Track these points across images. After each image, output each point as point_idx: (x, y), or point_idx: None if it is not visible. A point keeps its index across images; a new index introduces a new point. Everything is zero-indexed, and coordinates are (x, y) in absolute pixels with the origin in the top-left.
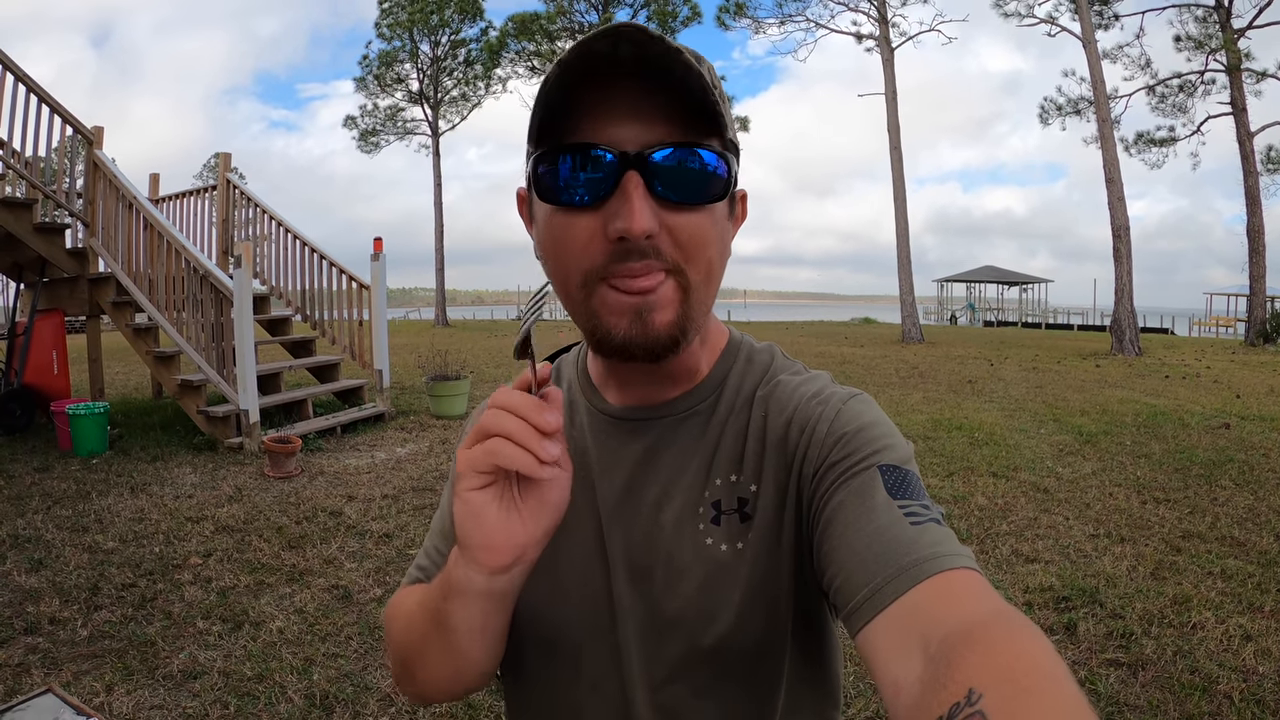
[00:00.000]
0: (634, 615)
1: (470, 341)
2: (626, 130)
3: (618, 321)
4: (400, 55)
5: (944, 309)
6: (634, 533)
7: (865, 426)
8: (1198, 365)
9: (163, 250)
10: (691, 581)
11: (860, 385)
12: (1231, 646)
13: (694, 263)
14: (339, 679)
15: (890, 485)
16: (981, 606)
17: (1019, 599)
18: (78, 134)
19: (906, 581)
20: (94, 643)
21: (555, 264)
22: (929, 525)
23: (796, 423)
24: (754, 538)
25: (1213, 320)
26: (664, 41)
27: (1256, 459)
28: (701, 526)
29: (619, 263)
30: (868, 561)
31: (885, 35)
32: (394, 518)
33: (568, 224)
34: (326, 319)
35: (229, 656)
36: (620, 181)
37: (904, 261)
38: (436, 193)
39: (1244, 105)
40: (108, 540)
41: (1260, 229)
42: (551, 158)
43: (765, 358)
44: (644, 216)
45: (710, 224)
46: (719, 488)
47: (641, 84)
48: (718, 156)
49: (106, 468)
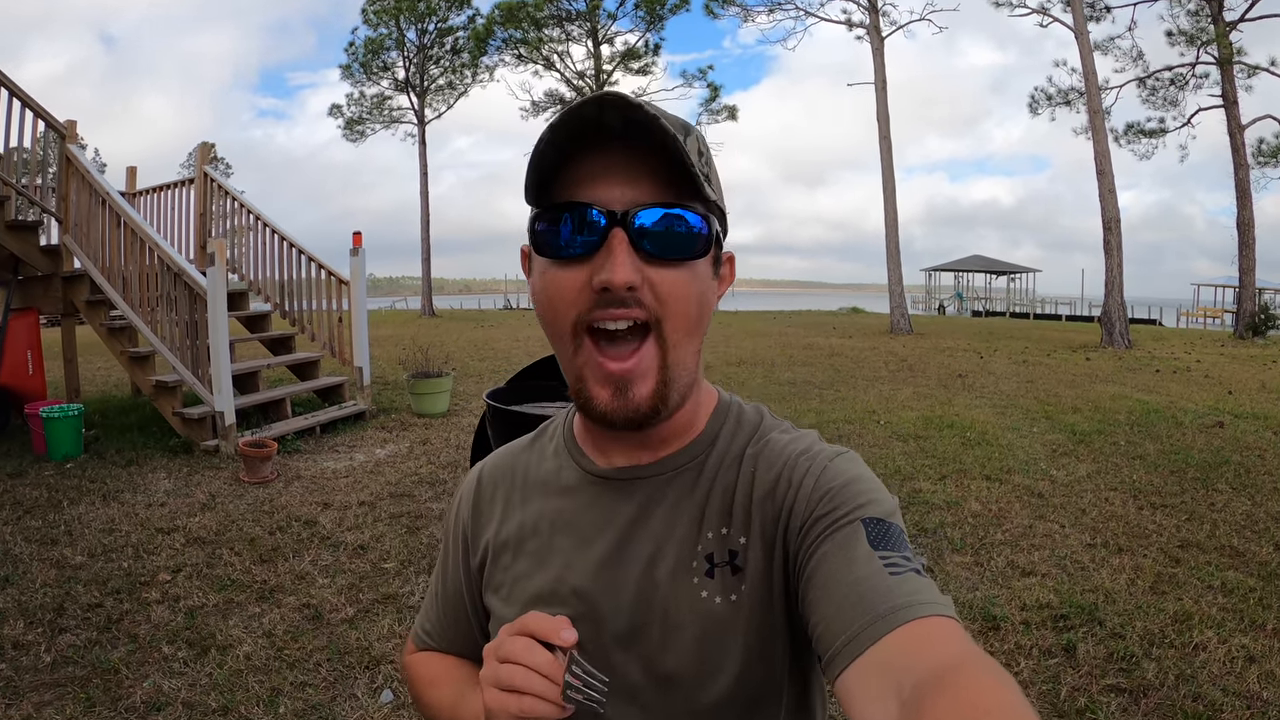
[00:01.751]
0: (630, 674)
1: (456, 333)
2: (615, 190)
3: (599, 391)
4: (387, 43)
5: (931, 298)
6: (624, 595)
7: (850, 482)
8: (1188, 359)
9: (136, 247)
10: (688, 636)
11: (849, 379)
12: (1235, 669)
13: (672, 316)
14: (306, 711)
15: (873, 538)
16: (950, 651)
17: (1016, 616)
18: (50, 128)
19: (882, 628)
20: (57, 670)
21: (549, 312)
22: (908, 575)
23: (784, 478)
24: (747, 590)
25: (1200, 311)
26: (645, 109)
27: (1252, 460)
28: (696, 580)
29: (599, 309)
30: (845, 610)
31: (875, 24)
32: (369, 527)
33: (560, 276)
34: (306, 314)
35: (194, 685)
36: (607, 238)
37: (893, 251)
38: (422, 181)
39: (1235, 98)
40: (76, 554)
41: (1250, 222)
42: (546, 216)
43: (755, 417)
44: (625, 269)
45: (690, 280)
46: (710, 540)
47: (629, 145)
48: (700, 217)
49: (80, 473)
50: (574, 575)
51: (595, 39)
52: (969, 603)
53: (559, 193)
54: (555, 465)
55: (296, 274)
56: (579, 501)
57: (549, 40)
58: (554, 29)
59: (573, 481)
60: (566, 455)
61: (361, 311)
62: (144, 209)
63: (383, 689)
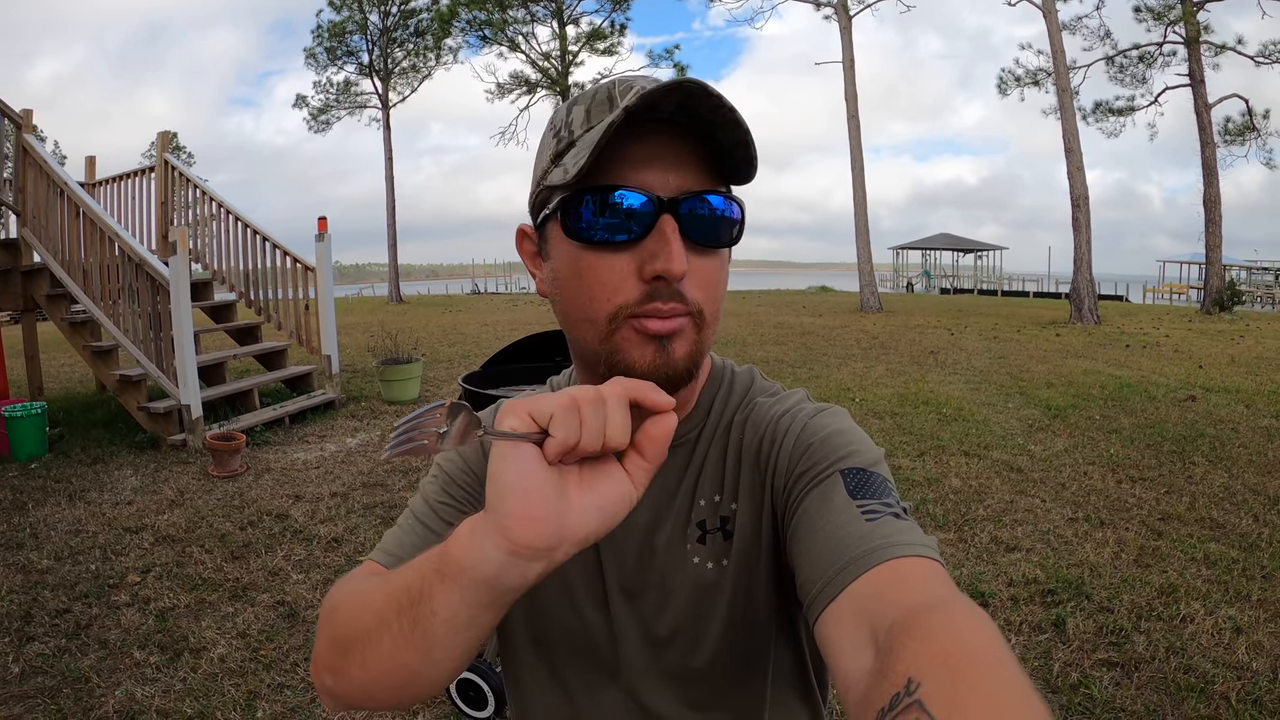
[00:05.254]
0: (630, 635)
1: (424, 318)
2: (660, 175)
3: (641, 354)
4: (349, 26)
5: (899, 276)
6: (628, 556)
7: (830, 435)
8: (1156, 334)
9: (96, 238)
10: (680, 601)
11: (822, 357)
12: (1223, 641)
13: (710, 304)
14: (285, 714)
15: (851, 487)
16: (925, 593)
17: (1004, 593)
18: (6, 118)
19: (854, 571)
20: (26, 680)
21: (579, 300)
22: (885, 519)
23: (768, 439)
24: (735, 555)
25: (1166, 288)
26: (726, 101)
27: (1226, 434)
28: (689, 546)
29: (649, 301)
30: (822, 557)
31: (843, 3)
32: (343, 519)
33: (599, 263)
34: (272, 303)
35: (167, 692)
36: (657, 224)
37: (862, 229)
38: (388, 167)
39: (1202, 77)
40: (42, 558)
41: (1217, 199)
42: (586, 199)
43: (745, 381)
44: (681, 258)
45: (721, 266)
46: (703, 508)
47: (673, 129)
48: (737, 204)
49: (45, 473)
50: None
51: (560, 20)
52: (956, 580)
53: (598, 176)
54: None
55: (262, 262)
56: None
57: (514, 21)
58: (518, 9)
59: None
60: None
61: (328, 298)
62: (104, 199)
63: None
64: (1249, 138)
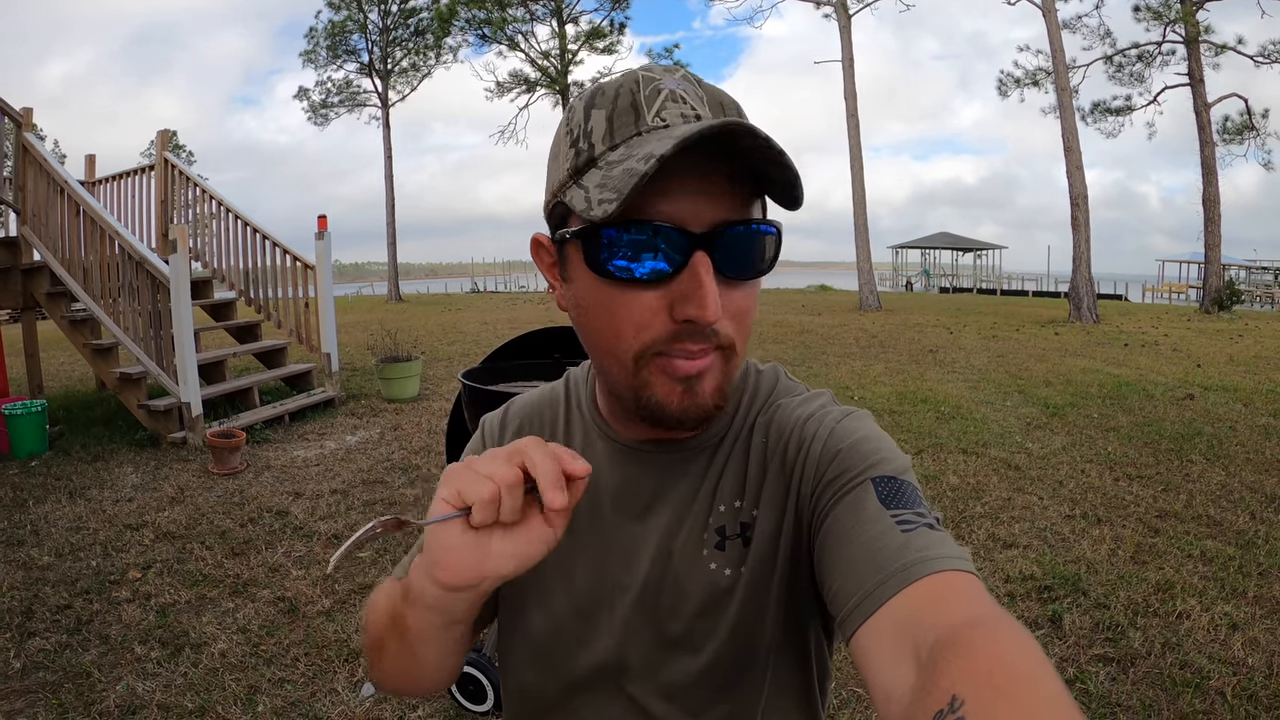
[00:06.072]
0: (640, 638)
1: (423, 317)
2: (690, 205)
3: (669, 396)
4: (349, 25)
5: (899, 275)
6: (643, 559)
7: (859, 442)
8: (1155, 333)
9: (96, 236)
10: (693, 605)
11: (821, 355)
12: (1219, 637)
13: (741, 334)
14: (285, 708)
15: (883, 496)
16: (968, 609)
17: (1001, 589)
18: (6, 116)
19: (893, 586)
20: (27, 675)
21: (604, 334)
22: (920, 530)
23: (794, 444)
24: (752, 561)
25: (1165, 287)
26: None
27: (1224, 432)
28: (706, 552)
29: (678, 341)
30: (857, 569)
31: (843, 2)
32: (343, 515)
33: (627, 299)
34: (272, 301)
35: (168, 687)
36: (689, 261)
37: (861, 228)
38: (387, 165)
39: (1201, 76)
40: (43, 555)
41: (1216, 198)
42: (615, 231)
43: (770, 381)
44: (716, 304)
45: (754, 291)
46: (723, 514)
47: (702, 155)
48: (774, 227)
49: (45, 470)
50: (600, 523)
51: (560, 18)
52: None
53: (629, 208)
54: (582, 432)
55: (262, 260)
56: (605, 467)
57: (513, 20)
58: (518, 8)
59: (600, 449)
60: (593, 425)
61: (328, 297)
62: (104, 198)
63: (363, 682)
64: (1248, 137)
